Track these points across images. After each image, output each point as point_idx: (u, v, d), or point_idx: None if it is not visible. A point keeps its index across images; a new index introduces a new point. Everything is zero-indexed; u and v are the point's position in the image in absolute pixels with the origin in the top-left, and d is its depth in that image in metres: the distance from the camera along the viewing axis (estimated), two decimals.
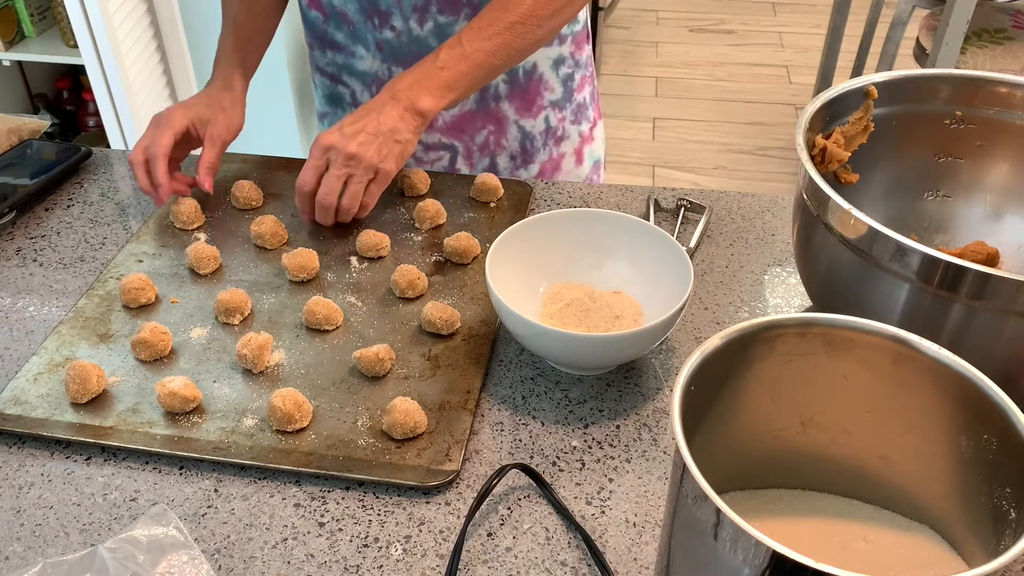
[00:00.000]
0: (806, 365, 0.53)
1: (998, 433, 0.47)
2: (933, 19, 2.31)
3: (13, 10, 2.13)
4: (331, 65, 1.06)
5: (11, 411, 0.70)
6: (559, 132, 1.10)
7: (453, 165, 1.09)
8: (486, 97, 1.04)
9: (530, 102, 1.06)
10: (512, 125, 1.07)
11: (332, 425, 0.69)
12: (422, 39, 0.99)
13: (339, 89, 1.08)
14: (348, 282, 0.84)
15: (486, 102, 1.05)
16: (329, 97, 1.10)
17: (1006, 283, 0.58)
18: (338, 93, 1.08)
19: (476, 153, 1.08)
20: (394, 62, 1.01)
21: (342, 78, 1.06)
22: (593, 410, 0.72)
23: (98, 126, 2.30)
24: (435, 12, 0.97)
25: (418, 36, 0.99)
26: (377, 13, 0.98)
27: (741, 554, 0.41)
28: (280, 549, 0.62)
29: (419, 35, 0.99)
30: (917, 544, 0.53)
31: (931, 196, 0.83)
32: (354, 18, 1.00)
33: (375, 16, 0.99)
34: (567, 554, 0.62)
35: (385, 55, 1.01)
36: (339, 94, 1.08)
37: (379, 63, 1.02)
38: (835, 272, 0.68)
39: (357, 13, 0.99)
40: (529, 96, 1.06)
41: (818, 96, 0.74)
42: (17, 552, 0.61)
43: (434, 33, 0.98)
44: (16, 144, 1.03)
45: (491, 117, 1.06)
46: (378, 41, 1.00)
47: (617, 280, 0.81)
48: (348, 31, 1.02)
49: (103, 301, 0.82)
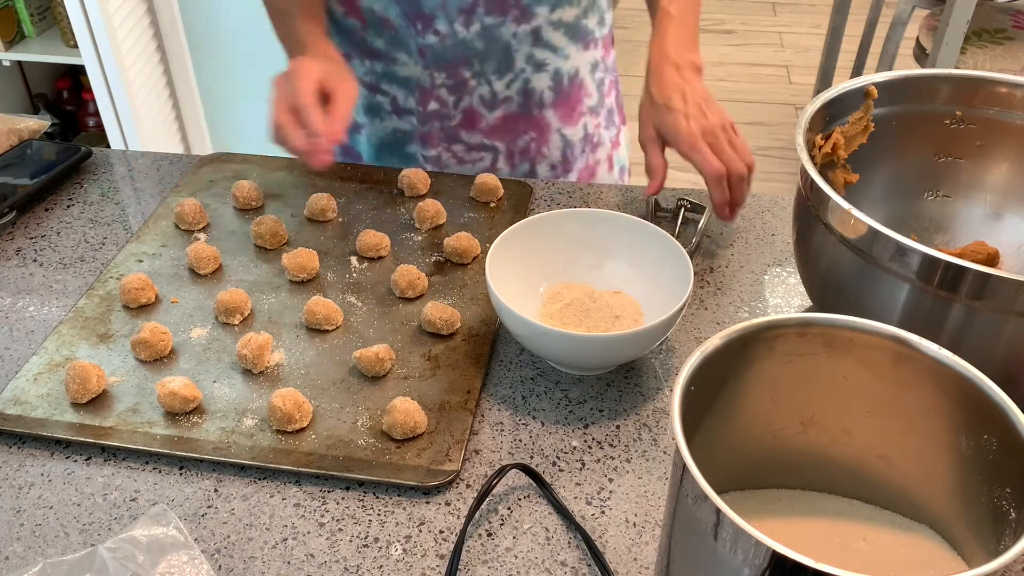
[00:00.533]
0: (806, 365, 0.53)
1: (998, 433, 0.47)
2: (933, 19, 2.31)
3: (13, 10, 2.13)
4: (370, 74, 1.03)
5: (11, 411, 0.70)
6: (595, 138, 1.10)
7: (494, 166, 1.07)
8: (530, 103, 1.03)
9: (572, 109, 1.06)
10: (554, 134, 1.06)
11: (332, 425, 0.69)
12: (467, 42, 0.97)
13: (378, 98, 1.05)
14: (348, 282, 0.84)
15: (529, 108, 1.04)
16: (367, 107, 1.07)
17: (1006, 283, 0.58)
18: (376, 103, 1.05)
19: (517, 156, 1.07)
20: (436, 67, 1.00)
21: (381, 86, 1.04)
22: (593, 410, 0.72)
23: (98, 126, 2.30)
24: (481, 14, 0.96)
25: (463, 39, 0.97)
26: (420, 17, 0.96)
27: (741, 554, 0.41)
28: (280, 549, 0.62)
29: (464, 38, 0.97)
30: (917, 544, 0.53)
31: (931, 196, 0.83)
32: (396, 23, 0.98)
33: (418, 20, 0.96)
34: (567, 554, 0.62)
35: (428, 60, 0.99)
36: (377, 103, 1.05)
37: (421, 69, 1.00)
38: (835, 272, 0.68)
39: (399, 18, 0.97)
40: (571, 103, 1.05)
41: (818, 96, 0.74)
42: (17, 552, 0.61)
43: (480, 35, 0.97)
44: (16, 144, 1.03)
45: (534, 124, 1.05)
46: (420, 46, 0.98)
47: (617, 280, 0.81)
48: (389, 37, 0.99)
49: (103, 301, 0.82)
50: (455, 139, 1.05)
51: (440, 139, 1.05)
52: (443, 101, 1.02)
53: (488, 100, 1.03)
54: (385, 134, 1.07)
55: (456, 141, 1.05)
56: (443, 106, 1.03)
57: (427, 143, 1.06)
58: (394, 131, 1.06)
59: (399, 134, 1.06)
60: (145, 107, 2.12)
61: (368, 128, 1.08)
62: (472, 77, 1.00)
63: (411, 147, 1.07)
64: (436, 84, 1.01)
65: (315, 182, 0.98)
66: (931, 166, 0.81)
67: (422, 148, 1.06)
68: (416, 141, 1.06)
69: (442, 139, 1.05)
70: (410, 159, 1.07)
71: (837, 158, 0.77)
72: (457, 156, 1.07)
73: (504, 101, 1.03)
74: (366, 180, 0.99)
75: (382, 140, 1.08)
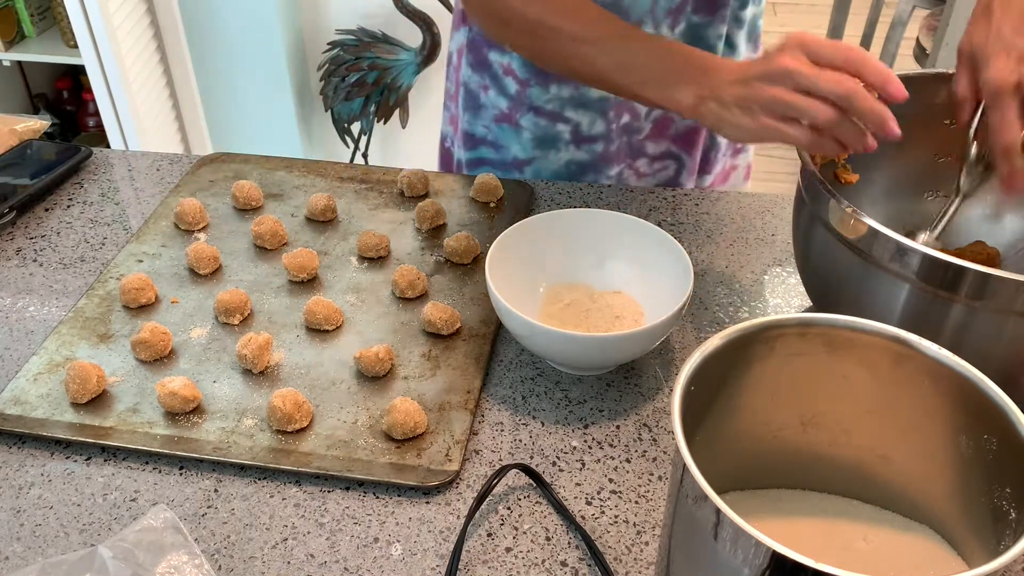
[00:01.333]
0: (806, 365, 0.53)
1: (998, 433, 0.47)
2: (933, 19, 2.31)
3: (13, 10, 2.13)
4: (553, 101, 0.97)
5: (11, 411, 0.70)
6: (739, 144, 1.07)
7: (677, 177, 1.04)
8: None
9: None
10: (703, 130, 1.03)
11: (332, 425, 0.69)
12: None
13: (557, 127, 0.98)
14: (348, 282, 0.84)
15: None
16: (540, 139, 0.99)
17: (1006, 283, 0.58)
18: (554, 133, 0.99)
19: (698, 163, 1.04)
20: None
21: (564, 114, 0.97)
22: (593, 410, 0.72)
23: (98, 126, 2.31)
24: (690, 12, 0.91)
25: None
26: None
27: (741, 554, 0.41)
28: (280, 549, 0.62)
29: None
30: (917, 544, 0.53)
31: (931, 196, 0.83)
32: None
33: None
34: (567, 554, 0.62)
35: None
36: (555, 134, 0.99)
37: None
38: (835, 272, 0.68)
39: None
40: None
41: None
42: (17, 552, 0.61)
43: (685, 36, 0.93)
44: (16, 144, 1.03)
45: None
46: None
47: (617, 280, 0.81)
48: None
49: (103, 301, 0.82)
50: (640, 153, 1.02)
51: (625, 155, 1.01)
52: (636, 113, 0.98)
53: None
54: (557, 167, 1.01)
55: (640, 155, 1.02)
56: (635, 118, 0.99)
57: (609, 162, 1.01)
58: (568, 164, 1.01)
59: (572, 167, 1.01)
60: (145, 107, 2.12)
61: (538, 162, 1.02)
62: None
63: (586, 176, 1.02)
64: None
65: (315, 182, 0.98)
66: (931, 166, 0.81)
67: (604, 169, 1.01)
68: (592, 169, 1.01)
69: (627, 155, 1.01)
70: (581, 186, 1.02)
71: (837, 158, 0.77)
72: (639, 171, 1.03)
73: None
74: (366, 180, 0.99)
75: (553, 174, 1.03)
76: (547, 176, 1.03)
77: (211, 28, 2.27)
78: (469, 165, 1.06)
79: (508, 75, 0.98)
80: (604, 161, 1.01)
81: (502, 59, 0.97)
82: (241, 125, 2.46)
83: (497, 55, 0.98)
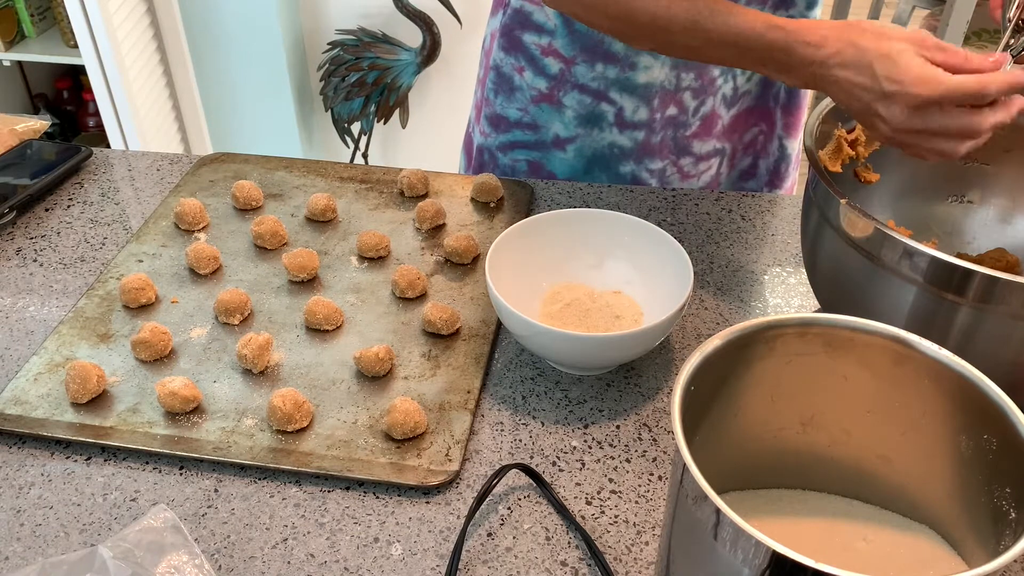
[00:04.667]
0: (806, 365, 0.53)
1: (998, 433, 0.47)
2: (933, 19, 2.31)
3: (13, 10, 2.13)
4: (599, 79, 0.95)
5: (11, 411, 0.70)
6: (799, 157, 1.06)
7: (718, 170, 1.03)
8: (767, 94, 0.99)
9: (796, 119, 1.01)
10: (775, 140, 1.02)
11: (332, 425, 0.70)
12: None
13: (602, 107, 0.97)
14: (348, 282, 0.84)
15: (766, 99, 1.00)
16: (584, 117, 0.98)
17: (1014, 287, 0.57)
18: (599, 112, 0.97)
19: (740, 153, 1.03)
20: (685, 67, 0.93)
21: (609, 95, 0.96)
22: (593, 410, 0.72)
23: (98, 126, 2.31)
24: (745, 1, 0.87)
25: None
26: None
27: (741, 554, 0.41)
28: (280, 549, 0.62)
29: None
30: (917, 544, 0.53)
31: (954, 200, 0.82)
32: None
33: None
34: (567, 554, 0.62)
35: (677, 60, 0.92)
36: (600, 113, 0.97)
37: (668, 70, 0.93)
38: (843, 274, 0.68)
39: None
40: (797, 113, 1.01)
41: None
42: (17, 552, 0.61)
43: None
44: (16, 144, 1.03)
45: (765, 116, 1.01)
46: None
47: (617, 280, 0.81)
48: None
49: (103, 301, 0.82)
50: (685, 151, 1.00)
51: (669, 149, 1.00)
52: (683, 107, 0.97)
53: (729, 98, 0.97)
54: (600, 147, 0.99)
55: (686, 154, 1.00)
56: (682, 111, 0.97)
57: (652, 154, 0.99)
58: (611, 145, 0.99)
59: (615, 149, 0.99)
60: (145, 107, 2.12)
61: (581, 140, 1.00)
62: (720, 74, 0.95)
63: (626, 165, 1.00)
64: (681, 87, 0.95)
65: (315, 182, 0.98)
66: (955, 170, 0.80)
67: (647, 161, 1.00)
68: (634, 157, 0.99)
69: (671, 150, 1.00)
70: (621, 178, 1.01)
71: (858, 156, 0.76)
72: (683, 171, 1.01)
73: (743, 96, 0.98)
74: (366, 180, 0.99)
75: (596, 154, 1.00)
76: (589, 155, 1.00)
77: (211, 28, 2.27)
78: (501, 148, 1.05)
79: (549, 55, 0.96)
80: (646, 152, 0.99)
81: (540, 40, 0.96)
82: (241, 125, 2.46)
83: (534, 37, 0.96)
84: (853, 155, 0.76)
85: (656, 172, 1.01)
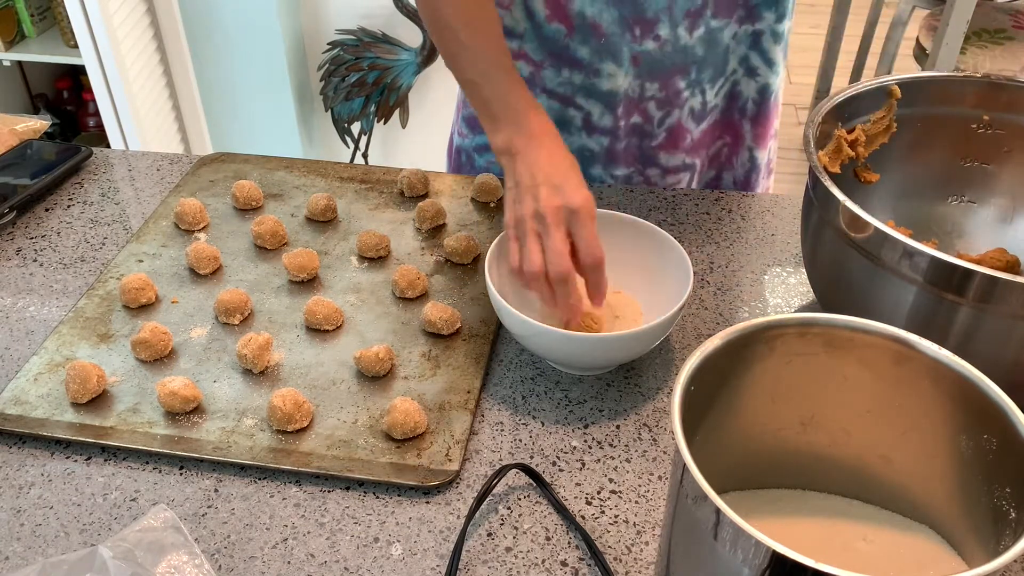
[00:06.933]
0: (806, 365, 0.52)
1: (998, 433, 0.47)
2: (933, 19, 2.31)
3: (13, 10, 2.13)
4: (565, 85, 0.96)
5: (11, 411, 0.70)
6: (772, 164, 1.07)
7: (688, 185, 1.03)
8: (732, 108, 1.00)
9: (765, 130, 1.02)
10: (744, 151, 1.03)
11: (332, 425, 0.70)
12: (688, 48, 0.91)
13: (569, 112, 0.98)
14: (348, 282, 0.84)
15: (731, 113, 1.00)
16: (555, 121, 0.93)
17: (1013, 287, 0.57)
18: (567, 117, 0.98)
19: (706, 165, 1.03)
20: (650, 77, 0.93)
21: (576, 100, 0.97)
22: (593, 410, 0.72)
23: (98, 126, 2.30)
24: (709, 16, 0.90)
25: (684, 45, 0.91)
26: (640, 22, 0.89)
27: (741, 554, 0.41)
28: (280, 549, 0.62)
29: (686, 44, 0.91)
30: (917, 544, 0.53)
31: (955, 201, 0.82)
32: (608, 30, 0.90)
33: (637, 25, 0.90)
34: (567, 554, 0.62)
35: (641, 69, 0.93)
36: (568, 118, 0.98)
37: (631, 79, 0.94)
38: (843, 273, 0.68)
39: (614, 24, 0.90)
40: (766, 124, 1.02)
41: (831, 97, 0.74)
42: (17, 552, 0.61)
43: (704, 40, 0.91)
44: (16, 144, 1.03)
45: (731, 129, 1.02)
46: (635, 54, 0.91)
47: (617, 280, 0.81)
48: (596, 45, 0.92)
49: (103, 301, 0.82)
50: (651, 162, 1.00)
51: (635, 158, 1.00)
52: (648, 116, 0.97)
53: (697, 112, 0.98)
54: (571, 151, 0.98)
55: (652, 164, 1.01)
56: (647, 121, 0.97)
57: (617, 161, 1.00)
58: (580, 149, 1.00)
59: (586, 153, 1.00)
60: (145, 107, 2.12)
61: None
62: (687, 88, 0.95)
63: (595, 169, 1.01)
64: (645, 96, 0.95)
65: (315, 182, 0.98)
66: (956, 170, 0.80)
67: (612, 167, 1.01)
68: (602, 162, 1.00)
69: (637, 158, 1.00)
70: (591, 181, 1.00)
71: (857, 156, 0.76)
72: (650, 181, 1.02)
73: (711, 111, 0.99)
74: (366, 180, 0.99)
75: None
76: None
77: (211, 28, 2.27)
78: (478, 150, 1.05)
79: (519, 59, 0.96)
80: (611, 158, 1.00)
81: (511, 44, 0.96)
82: (241, 125, 2.46)
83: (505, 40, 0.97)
84: (853, 155, 0.76)
85: (621, 179, 1.02)
